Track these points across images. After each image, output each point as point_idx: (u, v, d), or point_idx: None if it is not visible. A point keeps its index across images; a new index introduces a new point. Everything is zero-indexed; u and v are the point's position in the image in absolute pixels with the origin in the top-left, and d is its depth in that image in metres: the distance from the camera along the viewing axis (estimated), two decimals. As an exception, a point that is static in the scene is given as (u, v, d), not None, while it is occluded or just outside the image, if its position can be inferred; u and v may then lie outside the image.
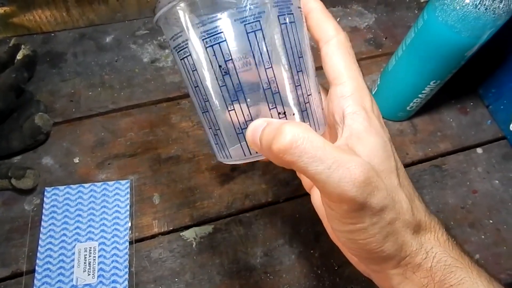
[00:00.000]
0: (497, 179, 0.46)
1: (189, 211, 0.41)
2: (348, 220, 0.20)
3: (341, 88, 0.22)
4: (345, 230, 0.20)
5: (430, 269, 0.21)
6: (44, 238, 0.38)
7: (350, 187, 0.18)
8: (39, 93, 0.46)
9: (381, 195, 0.19)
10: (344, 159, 0.18)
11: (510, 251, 0.42)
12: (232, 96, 0.20)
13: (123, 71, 0.49)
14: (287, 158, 0.18)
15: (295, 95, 0.21)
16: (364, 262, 0.23)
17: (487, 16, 0.32)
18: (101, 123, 0.45)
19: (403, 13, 0.57)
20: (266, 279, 0.39)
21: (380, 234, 0.20)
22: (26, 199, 0.40)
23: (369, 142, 0.21)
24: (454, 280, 0.21)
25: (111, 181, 0.41)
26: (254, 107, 0.20)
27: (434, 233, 0.22)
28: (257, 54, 0.20)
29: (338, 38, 0.22)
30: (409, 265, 0.21)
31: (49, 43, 0.50)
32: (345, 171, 0.18)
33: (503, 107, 0.48)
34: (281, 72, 0.20)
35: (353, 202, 0.18)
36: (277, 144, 0.18)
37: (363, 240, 0.20)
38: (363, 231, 0.20)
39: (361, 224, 0.19)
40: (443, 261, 0.21)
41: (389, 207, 0.20)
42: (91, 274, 0.37)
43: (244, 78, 0.20)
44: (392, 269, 0.22)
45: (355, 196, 0.18)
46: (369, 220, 0.19)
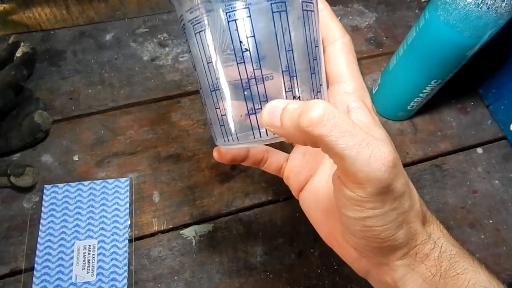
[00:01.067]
0: (497, 179, 0.46)
1: (189, 209, 0.41)
2: (369, 204, 0.19)
3: (344, 85, 0.24)
4: (362, 217, 0.20)
5: (438, 259, 0.21)
6: (43, 236, 0.38)
7: (379, 166, 0.18)
8: (39, 91, 0.46)
9: (403, 180, 0.20)
10: (372, 138, 0.18)
11: (509, 251, 0.42)
12: (250, 74, 0.20)
13: (123, 69, 0.49)
14: (318, 131, 0.17)
15: (310, 82, 0.21)
16: (371, 253, 0.22)
17: (489, 15, 0.32)
18: (101, 121, 0.45)
19: (404, 13, 0.57)
20: (266, 278, 0.39)
21: (397, 221, 0.20)
22: (25, 197, 0.40)
23: (378, 133, 0.22)
24: (459, 269, 0.21)
25: (111, 179, 0.41)
26: (270, 88, 0.20)
27: (437, 225, 0.23)
28: (280, 35, 0.19)
29: (344, 40, 0.24)
30: (418, 255, 0.21)
31: (48, 40, 0.50)
32: (375, 149, 0.18)
33: (503, 107, 0.48)
34: (300, 56, 0.20)
35: (380, 183, 0.18)
36: (307, 117, 0.17)
37: (380, 227, 0.20)
38: (381, 217, 0.19)
39: (380, 209, 0.19)
40: (449, 251, 0.22)
41: (407, 194, 0.20)
42: (90, 272, 0.37)
43: (263, 57, 0.20)
44: (399, 260, 0.22)
45: (383, 176, 0.18)
46: (390, 205, 0.19)
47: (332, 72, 0.24)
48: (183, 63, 0.50)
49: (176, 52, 0.50)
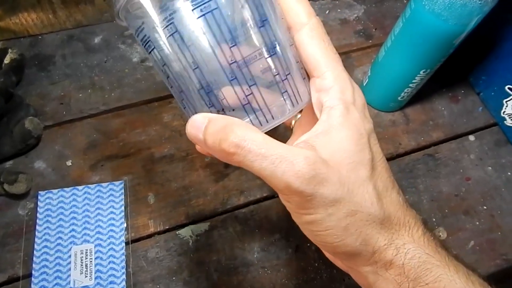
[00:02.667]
0: (490, 166, 0.46)
1: (184, 209, 0.41)
2: (302, 210, 0.20)
3: (319, 81, 0.21)
4: (303, 222, 0.21)
5: (403, 266, 0.20)
6: (39, 242, 0.38)
7: (293, 179, 0.18)
8: (29, 97, 0.46)
9: (333, 187, 0.19)
10: (289, 153, 0.19)
11: (504, 237, 0.42)
12: (231, 60, 0.20)
13: (113, 71, 0.49)
14: (234, 160, 0.19)
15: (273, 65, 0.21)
16: (336, 257, 0.23)
17: (474, 2, 0.32)
18: (93, 124, 0.45)
19: (392, 4, 0.57)
20: (263, 274, 0.39)
21: (339, 227, 0.20)
22: (19, 203, 0.40)
23: (337, 136, 0.20)
24: (430, 278, 0.20)
25: (105, 182, 0.41)
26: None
27: (408, 229, 0.21)
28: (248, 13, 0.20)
29: (310, 25, 0.21)
30: (380, 262, 0.21)
31: (36, 46, 0.49)
32: (288, 164, 0.18)
33: (493, 93, 0.48)
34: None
35: (300, 193, 0.19)
36: (225, 147, 0.19)
37: (322, 232, 0.20)
38: (319, 223, 0.20)
39: (315, 215, 0.20)
40: (417, 258, 0.20)
41: (346, 199, 0.20)
42: (88, 276, 0.37)
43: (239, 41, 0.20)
44: (364, 266, 0.21)
45: (299, 186, 0.18)
46: (324, 211, 0.19)
47: (306, 65, 0.22)
48: (173, 63, 0.50)
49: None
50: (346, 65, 0.56)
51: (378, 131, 0.47)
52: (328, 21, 0.55)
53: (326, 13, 0.55)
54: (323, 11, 0.55)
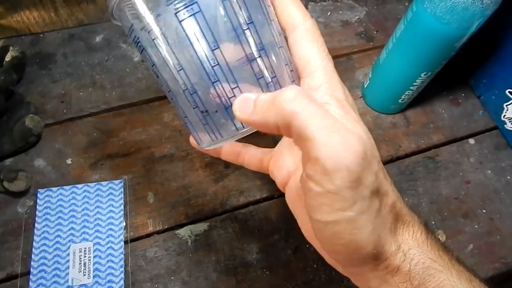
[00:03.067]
0: (490, 169, 0.46)
1: (184, 209, 0.41)
2: (338, 204, 0.18)
3: (308, 80, 0.21)
4: (331, 221, 0.18)
5: (409, 273, 0.20)
6: (38, 240, 0.38)
7: (348, 155, 0.17)
8: (30, 95, 0.46)
9: (374, 178, 0.18)
10: (344, 126, 0.18)
11: (503, 240, 0.42)
12: (218, 72, 0.20)
13: (114, 70, 0.49)
14: (291, 108, 0.17)
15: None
16: (343, 263, 0.21)
17: (475, 6, 0.32)
18: (93, 123, 0.45)
19: (394, 6, 0.57)
20: (262, 275, 0.39)
21: (366, 228, 0.19)
22: (19, 201, 0.40)
23: (350, 125, 0.20)
24: (433, 284, 0.20)
25: (105, 181, 0.41)
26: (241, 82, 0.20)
27: (412, 233, 0.21)
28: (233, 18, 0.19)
29: (305, 26, 0.21)
30: (388, 268, 0.20)
31: (38, 44, 0.49)
32: (345, 136, 0.17)
33: (494, 97, 0.48)
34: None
35: (349, 174, 0.17)
36: (282, 96, 0.18)
37: (349, 235, 0.18)
38: (350, 222, 0.18)
39: (349, 212, 0.18)
40: (421, 263, 0.20)
41: (378, 195, 0.19)
42: (87, 274, 0.37)
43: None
44: (371, 271, 0.20)
45: (352, 166, 0.17)
46: (360, 206, 0.18)
47: (298, 65, 0.22)
48: (174, 63, 0.50)
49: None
50: (347, 67, 0.56)
51: (378, 133, 0.47)
52: (330, 22, 0.55)
53: (328, 14, 0.55)
54: (324, 12, 0.55)
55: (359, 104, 0.49)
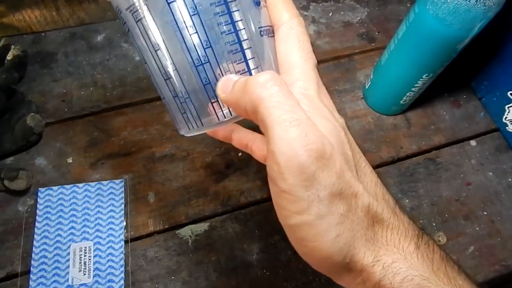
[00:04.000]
0: (491, 171, 0.46)
1: (184, 209, 0.41)
2: (293, 206, 0.17)
3: (285, 76, 0.21)
4: (292, 225, 0.18)
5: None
6: (38, 239, 0.38)
7: (300, 150, 0.16)
8: (31, 94, 0.46)
9: (332, 178, 0.17)
10: (309, 122, 0.17)
11: (504, 242, 0.42)
12: (202, 55, 0.20)
13: (115, 70, 0.49)
14: (258, 93, 0.17)
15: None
16: (321, 271, 0.20)
17: (478, 8, 0.32)
18: (94, 122, 0.45)
19: (395, 7, 0.57)
20: (262, 275, 0.39)
21: (330, 234, 0.17)
22: (19, 200, 0.40)
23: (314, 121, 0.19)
24: None
25: (105, 180, 0.41)
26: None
27: (398, 241, 0.19)
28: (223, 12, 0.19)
29: (290, 23, 0.21)
30: (367, 283, 0.18)
31: (39, 43, 0.49)
32: (304, 132, 0.16)
33: (495, 99, 0.48)
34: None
35: (299, 171, 0.16)
36: (254, 79, 0.17)
37: (311, 242, 0.17)
38: (310, 227, 0.17)
39: (307, 216, 0.17)
40: (409, 280, 0.18)
41: (344, 196, 0.17)
42: (87, 274, 0.37)
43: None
44: (351, 285, 0.19)
45: (301, 162, 0.16)
46: (317, 209, 0.17)
47: (278, 62, 0.21)
48: (176, 63, 0.50)
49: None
50: (348, 68, 0.56)
51: (379, 134, 0.47)
52: (331, 23, 0.55)
53: (329, 15, 0.55)
54: (326, 13, 0.55)
55: (360, 105, 0.49)
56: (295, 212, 0.17)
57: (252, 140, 0.27)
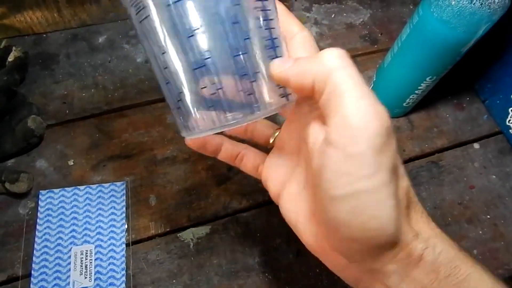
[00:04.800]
0: (494, 174, 0.46)
1: (186, 212, 0.41)
2: (362, 170, 0.17)
3: None
4: (351, 192, 0.17)
5: (434, 262, 0.18)
6: (39, 241, 0.37)
7: (375, 119, 0.17)
8: (32, 96, 0.45)
9: (393, 152, 0.18)
10: (373, 95, 0.18)
11: (507, 246, 0.42)
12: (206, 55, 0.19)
13: (116, 71, 0.48)
14: (337, 62, 0.18)
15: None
16: (359, 256, 0.20)
17: (483, 11, 0.31)
18: (95, 124, 0.45)
19: (398, 9, 0.57)
20: (264, 279, 0.39)
21: (390, 202, 0.18)
22: (20, 202, 0.40)
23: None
24: (460, 276, 0.19)
25: (107, 183, 0.41)
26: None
27: (427, 222, 0.20)
28: (229, 13, 0.19)
29: (303, 34, 0.23)
30: (410, 257, 0.19)
31: (40, 44, 0.49)
32: (375, 102, 0.18)
33: (499, 101, 0.48)
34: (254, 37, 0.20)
35: (374, 136, 0.17)
36: (332, 50, 0.19)
37: (371, 210, 0.17)
38: (374, 192, 0.17)
39: (373, 180, 0.17)
40: (445, 253, 0.19)
41: (396, 173, 0.18)
42: (88, 277, 0.36)
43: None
44: (391, 263, 0.19)
45: (377, 128, 0.17)
46: (382, 176, 0.17)
47: None
48: (177, 64, 0.49)
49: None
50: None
51: (382, 137, 0.47)
52: (334, 25, 0.54)
53: (332, 17, 0.55)
54: (328, 15, 0.55)
55: (362, 107, 0.49)
56: (361, 177, 0.17)
57: (243, 152, 0.28)
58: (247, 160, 0.28)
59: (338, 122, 0.18)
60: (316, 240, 0.23)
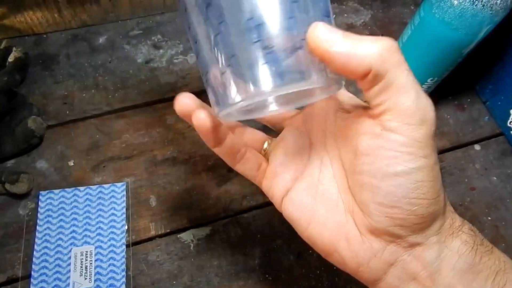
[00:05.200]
0: (495, 176, 0.46)
1: (186, 213, 0.41)
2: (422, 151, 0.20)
3: None
4: (414, 168, 0.20)
5: (471, 231, 0.21)
6: (39, 242, 0.37)
7: (431, 110, 0.20)
8: (32, 96, 0.45)
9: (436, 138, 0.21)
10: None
11: (509, 248, 0.42)
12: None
13: (117, 72, 0.48)
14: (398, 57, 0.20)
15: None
16: (407, 230, 0.21)
17: (485, 12, 0.31)
18: (96, 125, 0.45)
19: (399, 10, 0.57)
20: (264, 280, 0.39)
21: (439, 178, 0.20)
22: (20, 203, 0.40)
23: None
24: (488, 246, 0.22)
25: (107, 184, 0.41)
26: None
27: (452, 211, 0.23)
28: None
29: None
30: (454, 224, 0.21)
31: (41, 44, 0.49)
32: (427, 96, 0.20)
33: (500, 103, 0.47)
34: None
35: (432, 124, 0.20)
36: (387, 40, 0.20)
37: (429, 182, 0.20)
38: (430, 169, 0.20)
39: (430, 159, 0.20)
40: (474, 229, 0.22)
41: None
42: (88, 278, 0.36)
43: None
44: (435, 235, 0.21)
45: (433, 118, 0.20)
46: (435, 156, 0.20)
47: None
48: (178, 65, 0.49)
49: (171, 54, 0.50)
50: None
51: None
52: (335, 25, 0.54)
53: (333, 17, 0.55)
54: (329, 15, 0.55)
55: (363, 108, 0.49)
56: (423, 156, 0.20)
57: (244, 149, 0.27)
58: (250, 155, 0.27)
59: (400, 112, 0.20)
60: (338, 232, 0.23)
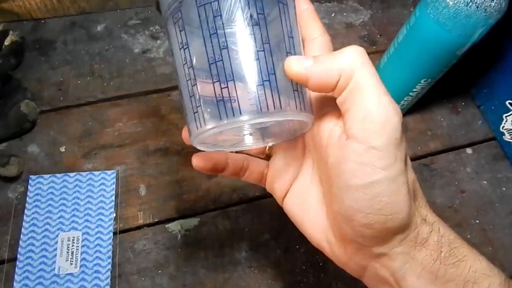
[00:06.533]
0: (486, 180, 0.46)
1: (175, 203, 0.41)
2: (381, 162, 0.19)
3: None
4: (371, 182, 0.19)
5: (437, 243, 0.21)
6: (27, 226, 0.37)
7: (394, 115, 0.19)
8: (27, 81, 0.45)
9: (405, 144, 0.20)
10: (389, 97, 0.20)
11: (496, 252, 0.42)
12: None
13: (113, 61, 0.48)
14: (361, 60, 0.19)
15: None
16: (371, 241, 0.21)
17: (478, 14, 0.31)
18: (90, 112, 0.45)
19: (398, 10, 0.57)
20: (250, 273, 0.39)
21: (404, 189, 0.19)
22: (10, 186, 0.40)
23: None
24: (459, 256, 0.21)
25: (97, 171, 0.41)
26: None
27: (429, 210, 0.22)
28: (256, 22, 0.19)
29: (323, 39, 0.23)
30: (417, 239, 0.21)
31: (39, 30, 0.49)
32: (391, 100, 0.19)
33: (494, 107, 0.47)
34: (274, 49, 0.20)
35: (395, 130, 0.19)
36: (355, 47, 0.19)
37: (388, 196, 0.19)
38: (391, 182, 0.19)
39: (391, 170, 0.19)
40: (447, 235, 0.21)
41: (407, 163, 0.20)
42: (74, 263, 0.36)
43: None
44: (398, 246, 0.21)
45: (397, 123, 0.19)
46: (400, 166, 0.19)
47: None
48: (175, 56, 0.49)
49: (168, 45, 0.50)
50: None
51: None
52: (333, 24, 0.54)
53: (332, 16, 0.55)
54: (328, 14, 0.55)
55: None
56: (382, 168, 0.19)
57: (246, 162, 0.27)
58: (253, 168, 0.28)
59: (360, 117, 0.19)
60: (321, 234, 0.24)
